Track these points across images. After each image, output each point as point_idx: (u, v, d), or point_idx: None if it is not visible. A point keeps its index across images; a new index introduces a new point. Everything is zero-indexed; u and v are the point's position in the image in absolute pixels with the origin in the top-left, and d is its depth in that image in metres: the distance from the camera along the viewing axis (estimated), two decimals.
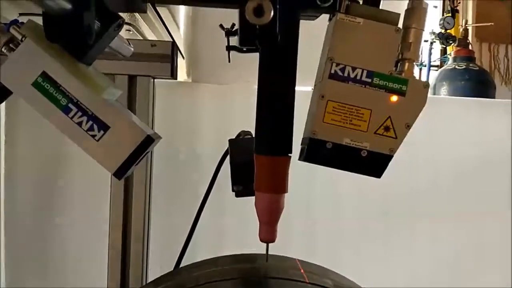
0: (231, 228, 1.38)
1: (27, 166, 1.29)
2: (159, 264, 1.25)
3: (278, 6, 0.53)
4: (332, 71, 0.56)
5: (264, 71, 0.59)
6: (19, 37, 0.56)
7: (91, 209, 1.30)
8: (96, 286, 1.23)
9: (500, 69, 3.47)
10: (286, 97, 0.59)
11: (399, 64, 0.59)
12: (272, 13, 0.52)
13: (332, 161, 0.58)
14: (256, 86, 0.59)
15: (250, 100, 0.61)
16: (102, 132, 0.57)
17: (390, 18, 0.57)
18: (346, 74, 0.56)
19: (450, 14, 2.62)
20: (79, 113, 0.56)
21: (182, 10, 1.48)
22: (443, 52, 3.06)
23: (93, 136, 0.57)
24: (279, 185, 0.60)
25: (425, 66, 2.99)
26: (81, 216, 1.31)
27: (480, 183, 1.50)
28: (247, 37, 0.55)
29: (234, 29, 0.64)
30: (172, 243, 1.01)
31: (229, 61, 0.66)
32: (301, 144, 0.60)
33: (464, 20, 2.70)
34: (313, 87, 0.61)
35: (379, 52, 0.57)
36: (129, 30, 1.18)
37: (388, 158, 0.57)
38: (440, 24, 2.57)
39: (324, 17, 0.61)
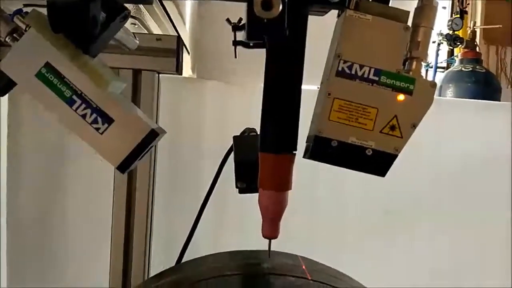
0: (233, 225, 1.38)
1: (30, 163, 1.28)
2: (161, 260, 1.24)
3: (287, 0, 0.53)
4: (340, 69, 0.55)
5: (270, 67, 0.58)
6: (23, 27, 0.55)
7: (93, 208, 1.29)
8: (98, 286, 1.22)
9: (507, 72, 3.45)
10: (293, 94, 0.58)
11: (407, 63, 0.58)
12: (281, 7, 0.51)
13: (337, 159, 0.57)
14: (262, 83, 0.58)
15: (255, 97, 0.60)
16: (106, 125, 0.56)
17: (399, 15, 0.56)
18: (353, 72, 0.55)
19: (458, 15, 2.61)
20: (83, 106, 0.56)
21: (188, 5, 1.47)
22: (450, 53, 3.05)
23: (97, 129, 0.56)
24: (283, 183, 0.60)
25: (432, 67, 2.97)
26: (83, 214, 1.30)
27: (481, 183, 1.50)
28: (255, 31, 0.54)
29: (241, 23, 0.63)
30: (175, 239, 1.01)
31: (235, 57, 0.65)
32: (306, 142, 0.60)
33: (472, 22, 2.68)
34: (319, 85, 0.60)
35: (388, 50, 0.56)
36: (135, 24, 1.18)
37: (393, 157, 0.57)
38: (448, 25, 2.56)
39: (333, 13, 0.60)
